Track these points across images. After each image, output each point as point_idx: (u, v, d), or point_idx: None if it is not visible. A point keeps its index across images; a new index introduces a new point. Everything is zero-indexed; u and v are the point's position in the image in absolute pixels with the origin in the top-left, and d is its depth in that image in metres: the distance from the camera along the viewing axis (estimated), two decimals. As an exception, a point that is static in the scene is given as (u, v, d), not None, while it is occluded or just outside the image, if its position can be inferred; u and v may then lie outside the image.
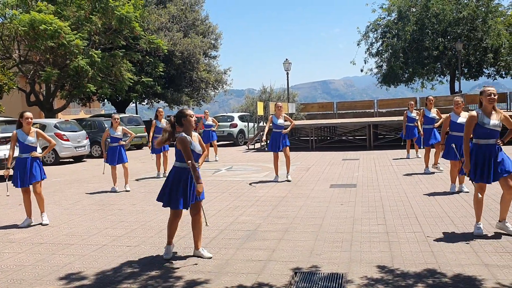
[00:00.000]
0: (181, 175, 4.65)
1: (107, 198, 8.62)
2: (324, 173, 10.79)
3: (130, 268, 4.52)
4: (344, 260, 4.50)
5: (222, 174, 11.44)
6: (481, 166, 5.03)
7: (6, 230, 6.33)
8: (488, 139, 5.05)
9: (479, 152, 5.07)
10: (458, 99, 7.57)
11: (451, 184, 7.83)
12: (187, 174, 4.65)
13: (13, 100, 23.23)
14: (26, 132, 6.53)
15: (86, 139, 16.79)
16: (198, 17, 30.98)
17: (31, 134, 6.54)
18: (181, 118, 4.68)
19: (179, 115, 4.71)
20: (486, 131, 5.02)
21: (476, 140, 5.12)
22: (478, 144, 5.10)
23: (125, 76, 21.44)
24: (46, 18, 17.89)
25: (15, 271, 4.53)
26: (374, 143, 17.58)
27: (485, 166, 5.01)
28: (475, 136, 5.12)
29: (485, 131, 5.02)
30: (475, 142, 5.14)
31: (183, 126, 4.69)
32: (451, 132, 7.46)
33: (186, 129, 4.69)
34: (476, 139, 5.12)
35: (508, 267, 4.11)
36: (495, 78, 29.05)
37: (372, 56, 30.99)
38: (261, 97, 26.51)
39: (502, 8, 27.83)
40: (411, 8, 28.56)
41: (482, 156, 5.04)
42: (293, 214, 6.61)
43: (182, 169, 4.66)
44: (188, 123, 4.68)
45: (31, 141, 6.53)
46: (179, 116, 4.69)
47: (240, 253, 4.84)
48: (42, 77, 19.18)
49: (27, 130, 6.54)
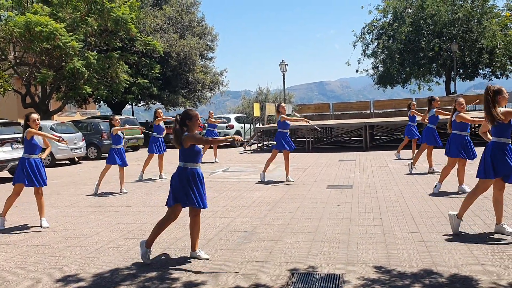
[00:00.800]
0: (185, 175, 4.58)
1: (103, 200, 8.60)
2: (320, 174, 10.80)
3: (127, 270, 4.51)
4: (341, 260, 4.50)
5: (219, 176, 11.44)
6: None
7: (2, 232, 6.30)
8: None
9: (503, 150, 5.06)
10: (461, 100, 7.60)
11: (438, 183, 7.87)
12: (192, 174, 4.59)
13: (8, 102, 23.16)
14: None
15: (82, 141, 16.75)
16: (194, 18, 30.96)
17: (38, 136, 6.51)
18: (185, 119, 4.60)
19: (183, 117, 4.61)
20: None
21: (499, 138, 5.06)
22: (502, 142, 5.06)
23: (121, 77, 21.40)
24: (42, 19, 17.84)
25: (11, 274, 4.51)
26: (370, 144, 17.61)
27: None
28: (501, 135, 5.04)
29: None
30: (498, 140, 5.06)
31: (188, 127, 4.60)
32: (453, 131, 7.46)
33: (191, 131, 4.61)
34: (500, 137, 5.05)
35: (504, 267, 4.12)
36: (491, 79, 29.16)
37: (368, 57, 31.09)
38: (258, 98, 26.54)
39: (497, 9, 27.97)
40: (406, 9, 28.66)
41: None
42: (290, 215, 6.61)
43: (186, 169, 4.59)
44: (193, 125, 4.60)
45: (41, 142, 6.51)
46: (184, 118, 4.60)
47: (237, 254, 4.84)
48: (38, 79, 19.12)
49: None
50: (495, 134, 5.08)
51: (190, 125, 4.59)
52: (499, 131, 5.03)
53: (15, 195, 6.58)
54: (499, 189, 5.14)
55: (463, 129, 7.45)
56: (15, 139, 12.13)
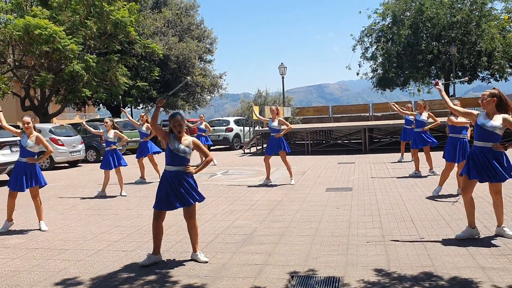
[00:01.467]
0: (170, 177, 4.69)
1: (102, 203, 8.58)
2: (320, 177, 10.79)
3: (126, 273, 4.50)
4: (340, 263, 4.50)
5: (218, 178, 11.43)
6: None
7: (1, 235, 6.28)
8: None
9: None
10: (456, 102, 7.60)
11: (438, 187, 7.88)
12: (177, 176, 4.69)
13: (7, 105, 23.12)
14: (27, 135, 6.55)
15: (81, 144, 16.73)
16: (193, 21, 31.01)
17: (31, 138, 6.53)
18: (169, 120, 4.79)
19: (169, 118, 4.84)
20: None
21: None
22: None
23: (120, 80, 21.40)
24: (41, 22, 17.85)
25: (10, 277, 4.50)
26: (369, 147, 17.61)
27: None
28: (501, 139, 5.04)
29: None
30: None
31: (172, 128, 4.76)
32: (450, 134, 7.50)
33: (175, 132, 4.76)
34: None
35: (503, 270, 4.12)
36: (489, 82, 29.18)
37: (367, 60, 31.11)
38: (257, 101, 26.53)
39: (495, 12, 28.01)
40: (405, 12, 28.70)
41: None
42: (289, 218, 6.61)
43: (170, 172, 4.70)
44: (173, 126, 4.71)
45: (30, 145, 6.50)
46: (169, 119, 4.81)
47: (236, 257, 4.83)
48: (37, 81, 19.12)
49: (28, 134, 6.56)
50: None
51: (171, 126, 4.74)
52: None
53: (10, 198, 6.57)
54: (495, 193, 5.13)
55: (458, 132, 7.45)
56: (14, 142, 12.11)
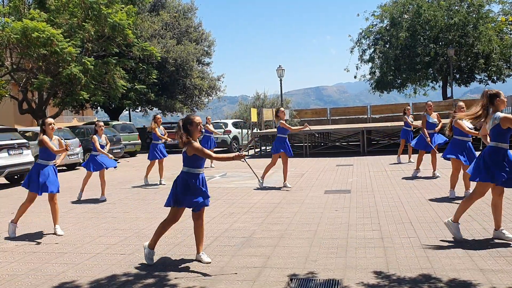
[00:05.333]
0: (189, 179, 4.66)
1: (100, 206, 8.56)
2: (318, 179, 10.79)
3: (125, 276, 4.48)
4: (339, 266, 4.49)
5: (216, 181, 11.41)
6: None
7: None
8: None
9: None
10: (461, 103, 7.60)
11: (451, 190, 7.68)
12: (196, 178, 4.68)
13: (5, 108, 23.11)
14: (50, 138, 6.37)
15: (79, 147, 16.70)
16: (191, 24, 31.02)
17: (54, 141, 6.40)
18: (187, 124, 4.65)
19: (185, 122, 4.66)
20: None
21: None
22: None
23: (118, 83, 21.36)
24: (39, 25, 17.81)
25: (8, 281, 4.47)
26: (367, 149, 17.63)
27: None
28: (503, 140, 4.95)
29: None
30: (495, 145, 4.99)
31: (189, 132, 4.64)
32: (454, 136, 7.40)
33: (192, 136, 4.66)
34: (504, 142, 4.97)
35: (503, 272, 4.12)
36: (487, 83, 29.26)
37: (365, 62, 31.18)
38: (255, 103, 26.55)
39: (492, 14, 28.11)
40: (403, 14, 28.77)
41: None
42: (288, 220, 6.60)
43: (189, 174, 4.67)
44: (194, 130, 4.64)
45: (57, 147, 6.41)
46: (185, 123, 4.65)
47: (235, 260, 4.82)
48: (35, 84, 19.07)
49: (51, 137, 6.37)
50: (493, 139, 4.99)
51: (191, 129, 4.64)
52: (497, 136, 4.94)
53: (29, 201, 6.41)
54: (499, 194, 5.10)
55: (464, 134, 7.26)
56: (12, 145, 12.08)
